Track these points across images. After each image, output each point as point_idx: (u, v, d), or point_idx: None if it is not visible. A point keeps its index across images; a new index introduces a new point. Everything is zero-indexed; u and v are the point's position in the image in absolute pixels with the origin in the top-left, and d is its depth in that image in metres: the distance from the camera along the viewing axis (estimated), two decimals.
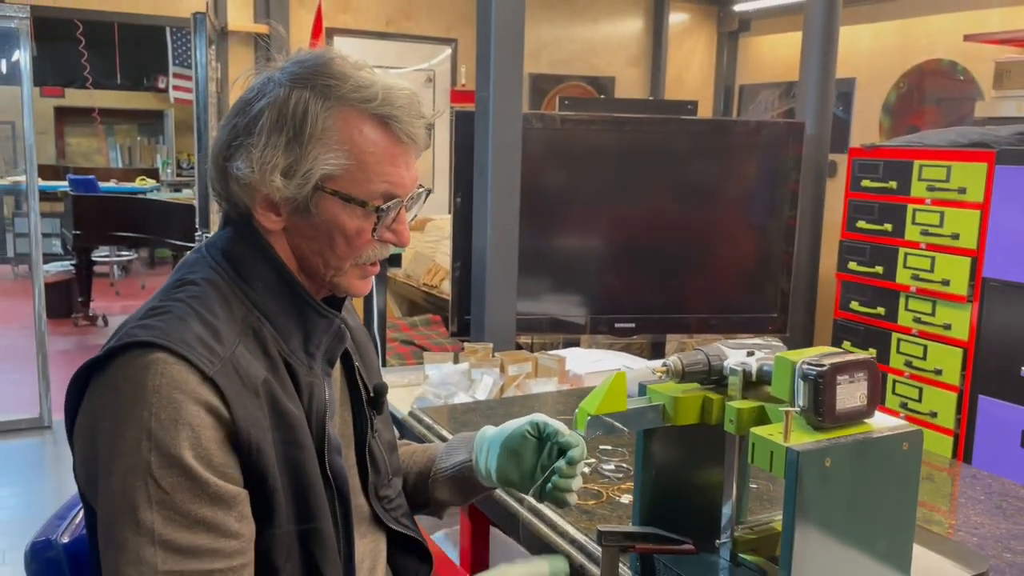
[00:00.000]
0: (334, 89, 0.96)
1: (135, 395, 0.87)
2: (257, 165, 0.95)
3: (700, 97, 6.03)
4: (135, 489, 0.85)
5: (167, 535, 0.85)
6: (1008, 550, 1.40)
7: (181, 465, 0.85)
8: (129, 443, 0.86)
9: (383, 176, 0.98)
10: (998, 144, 2.61)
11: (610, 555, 1.20)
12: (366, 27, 5.06)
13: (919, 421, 2.84)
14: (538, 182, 2.82)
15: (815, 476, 1.01)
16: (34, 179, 4.20)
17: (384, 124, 0.97)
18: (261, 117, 0.95)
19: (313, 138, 0.95)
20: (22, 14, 3.88)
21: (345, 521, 1.01)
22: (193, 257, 1.02)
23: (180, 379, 0.87)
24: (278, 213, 0.98)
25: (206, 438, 0.87)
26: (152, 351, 0.88)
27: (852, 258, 3.03)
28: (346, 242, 0.99)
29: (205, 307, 0.94)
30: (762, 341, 1.25)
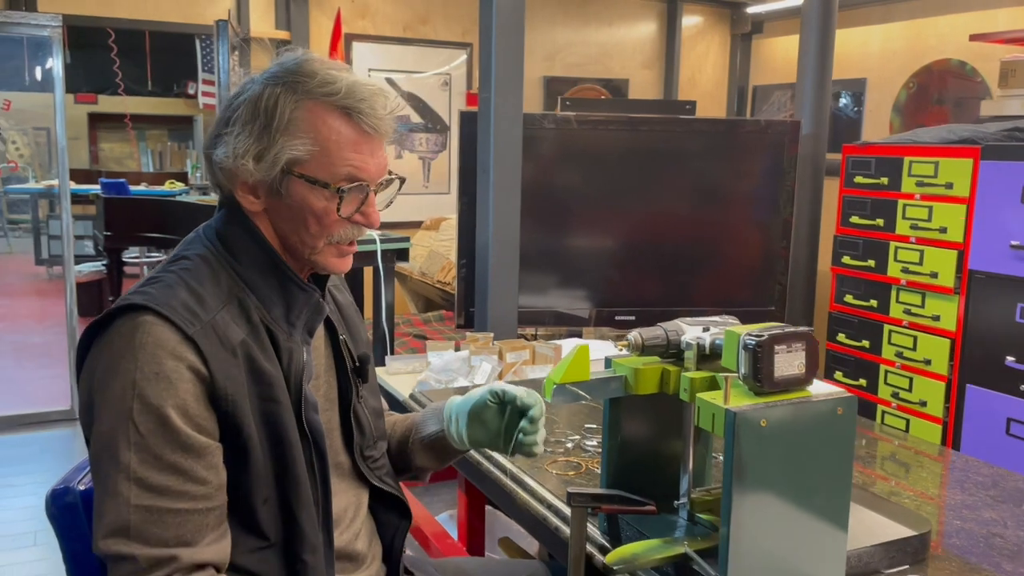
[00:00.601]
0: (302, 85, 1.08)
1: (124, 350, 1.00)
2: (232, 152, 1.08)
3: (713, 98, 6.12)
4: (117, 431, 0.99)
5: (141, 474, 0.99)
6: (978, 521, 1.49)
7: (159, 414, 0.99)
8: (116, 392, 1.00)
9: (346, 161, 1.10)
10: (984, 140, 2.68)
11: (579, 515, 1.29)
12: (384, 32, 5.20)
13: (910, 411, 2.92)
14: (541, 180, 2.92)
15: (752, 436, 1.11)
16: (66, 182, 4.38)
17: (347, 115, 1.09)
18: (238, 111, 1.09)
19: (281, 127, 1.07)
20: (55, 23, 4.06)
21: (322, 471, 1.13)
22: (191, 237, 1.16)
23: (163, 338, 1.00)
24: (257, 196, 1.11)
25: (183, 391, 1.00)
26: (142, 313, 1.02)
27: (846, 252, 3.11)
28: (316, 222, 1.11)
29: (194, 278, 1.07)
30: (719, 319, 1.35)
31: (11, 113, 4.56)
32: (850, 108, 5.22)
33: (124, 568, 0.99)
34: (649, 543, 1.24)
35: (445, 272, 4.30)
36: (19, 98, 4.69)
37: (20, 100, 4.77)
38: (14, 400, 4.40)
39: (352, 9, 5.05)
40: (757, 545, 1.13)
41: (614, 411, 1.37)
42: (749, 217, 3.13)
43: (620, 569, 1.21)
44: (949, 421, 2.79)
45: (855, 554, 1.24)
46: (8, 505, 3.32)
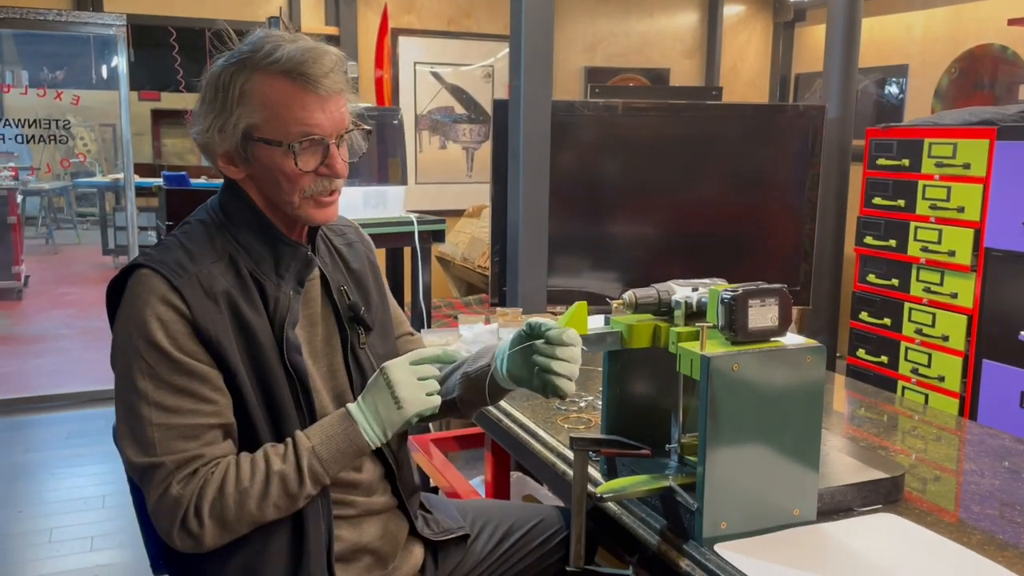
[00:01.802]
0: (250, 59, 1.23)
1: (128, 301, 1.21)
2: (204, 128, 1.25)
3: (755, 87, 6.15)
4: (132, 367, 1.19)
5: (156, 397, 1.19)
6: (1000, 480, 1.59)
7: (158, 347, 1.19)
8: (124, 335, 1.21)
9: (297, 120, 1.22)
10: (1002, 121, 2.73)
11: (580, 457, 1.41)
12: (429, 27, 5.37)
13: (929, 386, 2.98)
14: (573, 166, 3.04)
15: (724, 379, 1.25)
16: (131, 175, 4.64)
17: (291, 78, 1.21)
18: (204, 94, 1.26)
19: (235, 99, 1.22)
20: (119, 22, 4.31)
21: (308, 405, 1.30)
22: (200, 207, 1.35)
23: (155, 287, 1.20)
24: (235, 164, 1.28)
25: (173, 329, 1.19)
26: (141, 269, 1.22)
27: (869, 233, 3.17)
28: (286, 179, 1.25)
29: (189, 239, 1.27)
30: (708, 280, 1.48)
31: (78, 110, 4.82)
32: (893, 95, 5.22)
33: (157, 475, 1.18)
34: (638, 478, 1.37)
35: (486, 257, 4.46)
36: (86, 95, 4.95)
37: (87, 97, 5.04)
38: (83, 379, 4.69)
39: (398, 4, 5.23)
40: (731, 479, 1.26)
41: (613, 364, 1.51)
42: (777, 200, 3.20)
43: (609, 498, 1.35)
44: (966, 395, 2.85)
45: (828, 492, 1.35)
46: (80, 472, 3.59)
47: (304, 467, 1.23)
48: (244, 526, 1.21)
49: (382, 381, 1.28)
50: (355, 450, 1.26)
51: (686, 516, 1.28)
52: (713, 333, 1.31)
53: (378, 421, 1.27)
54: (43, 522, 3.15)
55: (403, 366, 1.28)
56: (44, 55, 4.87)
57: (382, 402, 1.27)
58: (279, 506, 1.22)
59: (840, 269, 3.40)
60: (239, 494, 1.19)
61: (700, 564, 1.21)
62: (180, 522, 1.18)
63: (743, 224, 3.19)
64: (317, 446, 1.24)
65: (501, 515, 1.59)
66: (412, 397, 1.27)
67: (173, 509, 1.18)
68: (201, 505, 1.18)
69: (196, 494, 1.18)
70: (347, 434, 1.26)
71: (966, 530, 1.30)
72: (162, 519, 1.19)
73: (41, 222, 9.36)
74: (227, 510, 1.19)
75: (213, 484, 1.19)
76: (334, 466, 1.25)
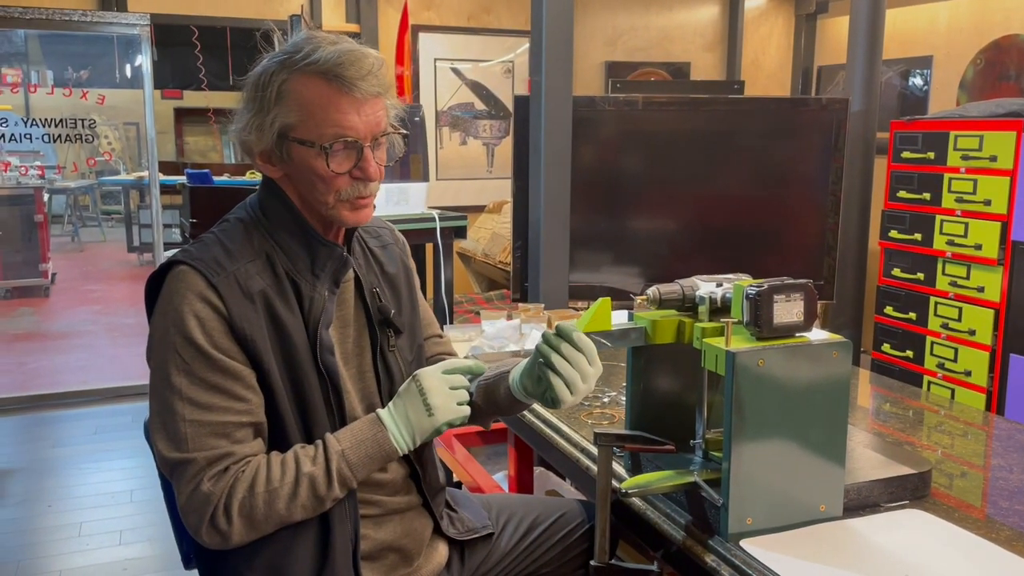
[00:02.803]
0: (289, 60, 1.24)
1: (166, 297, 1.23)
2: (243, 127, 1.26)
3: (777, 80, 6.11)
4: (168, 362, 1.20)
5: (190, 394, 1.20)
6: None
7: (194, 343, 1.20)
8: (161, 330, 1.22)
9: (331, 122, 1.22)
10: None
11: (605, 453, 1.42)
12: (449, 23, 5.38)
13: (955, 380, 2.95)
14: (595, 161, 3.03)
15: (750, 374, 1.24)
16: (155, 173, 4.68)
17: (327, 80, 1.22)
18: (245, 93, 1.27)
19: (273, 100, 1.23)
20: (143, 21, 4.35)
21: (338, 405, 1.31)
22: (239, 205, 1.36)
23: (193, 283, 1.21)
24: (272, 163, 1.28)
25: (209, 327, 1.21)
26: (180, 266, 1.23)
27: (893, 227, 3.15)
28: (320, 180, 1.25)
29: (227, 237, 1.28)
30: (733, 276, 1.48)
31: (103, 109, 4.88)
32: (918, 87, 5.17)
33: (188, 470, 1.20)
34: (663, 473, 1.37)
35: (507, 253, 4.47)
36: (111, 94, 5.01)
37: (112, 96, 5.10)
38: (111, 375, 4.76)
39: (418, 1, 5.24)
40: (757, 475, 1.25)
41: (636, 360, 1.51)
42: (801, 194, 3.18)
43: (634, 493, 1.35)
44: (993, 390, 2.82)
45: (855, 487, 1.34)
46: (107, 467, 3.63)
47: (333, 470, 1.24)
48: (271, 525, 1.22)
49: (414, 388, 1.29)
50: (383, 455, 1.28)
51: (711, 512, 1.28)
52: (738, 329, 1.31)
53: (408, 428, 1.28)
54: (73, 516, 3.20)
55: (436, 374, 1.29)
56: (69, 55, 4.93)
57: (413, 409, 1.28)
58: (307, 507, 1.23)
59: (864, 263, 3.38)
60: (268, 494, 1.20)
61: (726, 560, 1.21)
62: (209, 519, 1.19)
63: (766, 218, 3.18)
64: (347, 450, 1.25)
65: (525, 509, 1.60)
66: (444, 405, 1.28)
67: (203, 506, 1.19)
68: (231, 503, 1.19)
69: (226, 492, 1.19)
70: (376, 440, 1.27)
71: (994, 526, 1.29)
72: (191, 515, 1.20)
73: (67, 220, 9.49)
74: (256, 509, 1.20)
75: (243, 483, 1.20)
76: (362, 470, 1.27)
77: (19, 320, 6.08)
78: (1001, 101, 2.91)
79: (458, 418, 1.30)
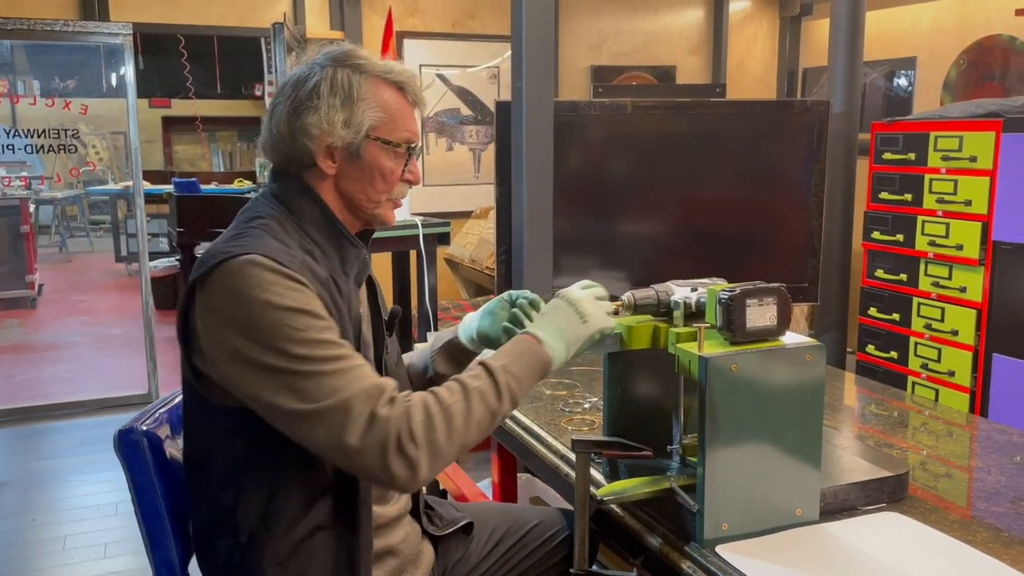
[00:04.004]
0: (364, 65, 1.30)
1: (249, 287, 1.15)
2: (325, 120, 1.26)
3: (763, 82, 6.13)
4: (279, 340, 1.14)
5: (321, 352, 1.15)
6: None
7: (302, 311, 1.16)
8: (257, 315, 1.14)
9: (405, 127, 1.31)
10: (1009, 113, 2.71)
11: (583, 459, 1.41)
12: (433, 29, 5.38)
13: (939, 381, 2.96)
14: (578, 166, 3.03)
15: (723, 380, 1.24)
16: (139, 182, 4.64)
17: (400, 89, 1.32)
18: (318, 88, 1.27)
19: (359, 98, 1.28)
20: (126, 31, 4.33)
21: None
22: (253, 203, 1.33)
23: (272, 268, 1.17)
24: (334, 160, 1.30)
25: (305, 298, 1.17)
26: (245, 256, 1.17)
27: (876, 228, 3.16)
28: (382, 180, 1.31)
29: (272, 233, 1.25)
30: (708, 280, 1.48)
31: (89, 119, 4.86)
32: (902, 88, 5.19)
33: (352, 407, 1.13)
34: (639, 480, 1.37)
35: (493, 258, 4.46)
36: (98, 104, 5.00)
37: (99, 106, 5.08)
38: (97, 386, 4.74)
39: (403, 7, 5.24)
40: (732, 480, 1.25)
41: (613, 366, 1.51)
42: (785, 196, 3.19)
43: (611, 501, 1.35)
44: (976, 390, 2.83)
45: (831, 491, 1.34)
46: (92, 479, 3.62)
47: (501, 383, 1.23)
48: (453, 448, 1.18)
49: (562, 303, 1.34)
50: (542, 367, 1.29)
51: (687, 518, 1.28)
52: (712, 333, 1.31)
53: (562, 337, 1.31)
54: (57, 530, 3.18)
55: (578, 290, 1.36)
56: (55, 65, 4.91)
57: (565, 320, 1.32)
58: (481, 424, 1.21)
59: (848, 265, 3.39)
60: (444, 412, 1.17)
61: (701, 566, 1.21)
62: (396, 447, 1.12)
63: (750, 221, 3.18)
64: (507, 364, 1.26)
65: (501, 517, 1.61)
66: (596, 313, 1.33)
67: (384, 434, 1.12)
68: (413, 427, 1.14)
69: (404, 416, 1.14)
70: (533, 351, 1.28)
71: (971, 528, 1.30)
72: (372, 451, 1.13)
73: (54, 231, 9.45)
74: (437, 431, 1.15)
75: (417, 407, 1.16)
76: (526, 382, 1.27)
77: (6, 332, 6.05)
78: (981, 102, 2.93)
79: (608, 327, 1.34)
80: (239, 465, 1.24)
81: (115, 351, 5.52)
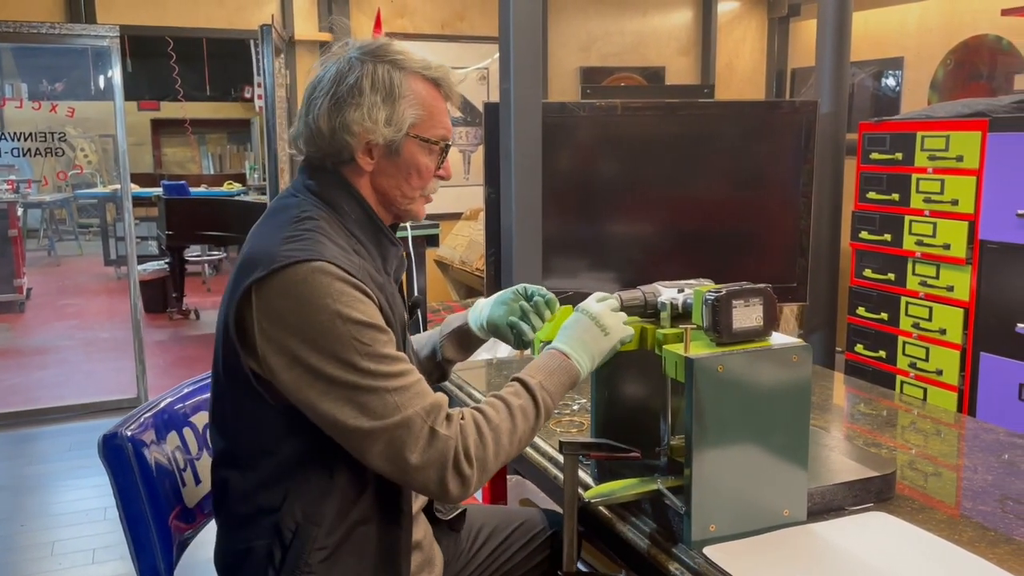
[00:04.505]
0: (402, 61, 1.29)
1: (319, 296, 1.15)
2: (368, 117, 1.26)
3: (752, 83, 6.14)
4: (346, 352, 1.14)
5: (385, 368, 1.17)
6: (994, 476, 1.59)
7: (370, 325, 1.17)
8: (326, 325, 1.14)
9: (442, 124, 1.32)
10: (994, 113, 2.73)
11: (570, 461, 1.41)
12: (423, 30, 5.37)
13: (927, 380, 2.97)
14: (567, 167, 3.04)
15: (709, 381, 1.24)
16: (127, 185, 4.62)
17: (437, 85, 1.32)
18: (359, 84, 1.26)
19: (400, 96, 1.27)
20: (112, 33, 4.31)
21: None
22: (294, 201, 1.30)
23: (341, 277, 1.17)
24: (372, 156, 1.29)
25: (371, 311, 1.18)
26: (313, 263, 1.16)
27: (864, 228, 3.17)
28: (418, 176, 1.32)
29: (329, 236, 1.23)
30: (695, 281, 1.48)
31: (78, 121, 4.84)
32: (890, 88, 5.21)
33: (412, 425, 1.15)
34: (627, 481, 1.37)
35: (483, 260, 4.46)
36: (87, 107, 4.97)
37: (87, 109, 5.06)
38: (86, 390, 4.71)
39: (391, 9, 5.23)
40: (719, 481, 1.25)
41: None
42: (773, 197, 3.20)
43: (599, 502, 1.35)
44: (964, 389, 2.84)
45: (819, 491, 1.34)
46: (81, 484, 3.59)
47: (539, 400, 1.28)
48: (499, 464, 1.24)
49: (583, 317, 1.36)
50: (571, 380, 1.34)
51: (675, 519, 1.28)
52: (698, 335, 1.31)
53: (587, 351, 1.34)
54: (45, 535, 3.16)
55: (595, 303, 1.38)
56: (43, 68, 4.89)
57: (588, 334, 1.34)
58: (523, 441, 1.28)
59: (837, 264, 3.40)
60: (494, 432, 1.22)
61: (689, 568, 1.21)
62: (453, 465, 1.17)
63: (740, 221, 3.20)
64: (543, 381, 1.30)
65: (485, 517, 1.62)
66: (615, 325, 1.35)
67: (443, 452, 1.16)
68: (468, 446, 1.18)
69: (459, 436, 1.18)
70: (564, 368, 1.32)
71: (958, 527, 1.30)
72: (431, 468, 1.16)
73: (43, 234, 9.39)
74: (488, 449, 1.21)
75: (470, 426, 1.21)
76: (558, 397, 1.32)
77: None
78: (967, 101, 2.94)
79: (628, 336, 1.37)
80: (292, 462, 1.24)
81: (104, 355, 5.49)
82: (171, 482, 1.42)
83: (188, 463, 1.48)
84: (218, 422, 1.31)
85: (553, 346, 1.35)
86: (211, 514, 1.43)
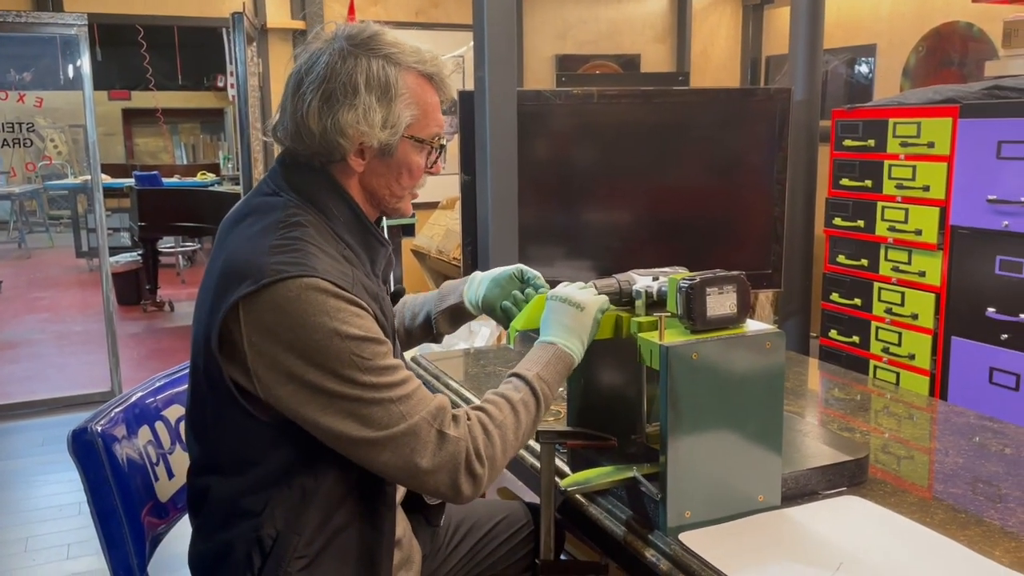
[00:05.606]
0: (397, 56, 1.22)
1: (309, 310, 1.10)
2: (364, 120, 1.20)
3: (727, 70, 6.16)
4: (347, 368, 1.11)
5: (386, 380, 1.14)
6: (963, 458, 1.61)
7: (368, 339, 1.13)
8: (323, 343, 1.10)
9: (436, 122, 1.27)
10: (965, 99, 2.75)
11: (547, 450, 1.42)
12: (397, 18, 5.32)
13: (900, 364, 3.01)
14: (542, 155, 3.03)
15: (683, 368, 1.24)
16: (98, 176, 4.55)
17: (431, 80, 1.26)
18: (353, 82, 1.19)
19: (396, 96, 1.22)
20: (80, 21, 4.24)
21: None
22: (278, 201, 1.23)
23: (335, 293, 1.12)
24: (364, 158, 1.24)
25: (367, 324, 1.15)
26: (305, 279, 1.11)
27: (837, 214, 3.19)
28: (409, 175, 1.28)
29: (318, 245, 1.18)
30: (669, 269, 1.48)
31: (47, 112, 4.76)
32: (863, 75, 5.24)
33: (420, 430, 1.14)
34: (602, 469, 1.37)
35: (460, 249, 4.44)
36: (56, 97, 4.89)
37: (57, 99, 4.98)
38: (58, 384, 4.66)
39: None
40: (694, 468, 1.25)
41: None
42: (748, 184, 3.22)
43: (574, 490, 1.35)
44: (936, 373, 2.87)
45: (792, 476, 1.35)
46: (54, 479, 3.56)
47: (539, 392, 1.28)
48: (506, 460, 1.23)
49: (556, 303, 1.34)
50: (566, 368, 1.33)
51: (651, 506, 1.28)
52: (673, 322, 1.31)
53: (572, 334, 1.32)
54: (18, 531, 3.13)
55: (561, 287, 1.37)
56: (9, 57, 4.80)
57: (567, 316, 1.32)
58: (527, 434, 1.27)
59: (811, 251, 3.42)
60: (500, 429, 1.22)
61: (664, 554, 1.21)
62: (465, 465, 1.16)
63: (715, 209, 3.21)
64: (539, 372, 1.29)
65: (464, 511, 1.60)
66: (586, 297, 1.34)
67: (455, 454, 1.15)
68: (478, 446, 1.18)
69: (469, 436, 1.18)
70: (558, 356, 1.31)
71: (930, 509, 1.31)
72: (444, 470, 1.15)
73: (12, 226, 9.27)
74: (496, 447, 1.20)
75: (476, 425, 1.20)
76: (555, 387, 1.32)
77: None
78: (938, 88, 2.96)
79: (604, 303, 1.35)
80: (278, 472, 1.20)
81: (76, 348, 5.44)
82: (143, 477, 1.40)
83: (160, 457, 1.46)
84: (198, 429, 1.27)
85: (540, 341, 1.35)
86: (184, 509, 1.42)
